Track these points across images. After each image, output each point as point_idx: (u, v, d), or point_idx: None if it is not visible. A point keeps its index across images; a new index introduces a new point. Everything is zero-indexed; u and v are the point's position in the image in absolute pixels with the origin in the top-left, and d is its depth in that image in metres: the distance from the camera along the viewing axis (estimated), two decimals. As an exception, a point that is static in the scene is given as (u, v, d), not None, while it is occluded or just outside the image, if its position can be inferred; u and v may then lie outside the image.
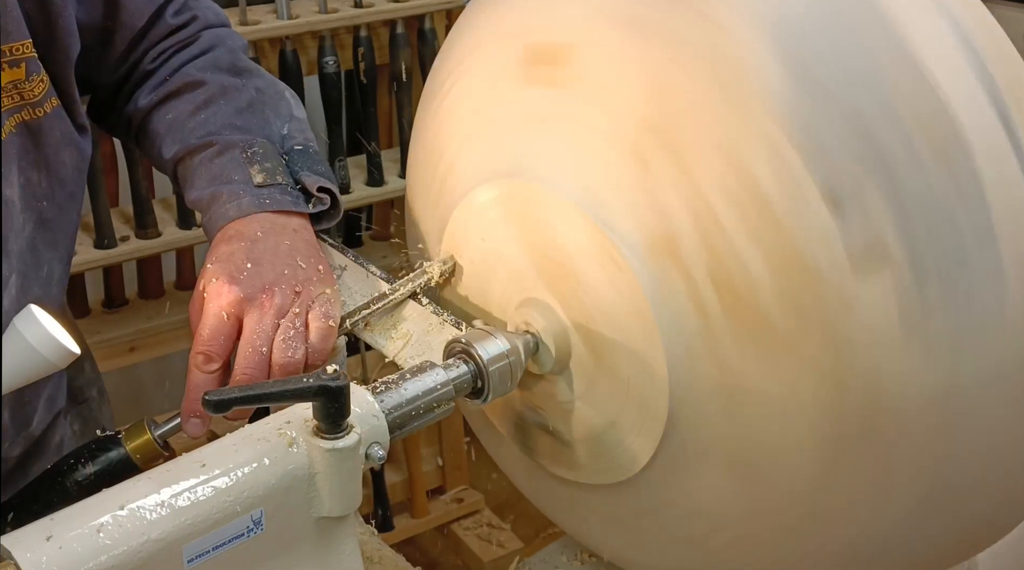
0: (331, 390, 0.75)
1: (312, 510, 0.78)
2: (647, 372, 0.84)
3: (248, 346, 0.89)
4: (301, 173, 1.01)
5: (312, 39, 2.04)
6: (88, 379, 1.19)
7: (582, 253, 0.86)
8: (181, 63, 1.07)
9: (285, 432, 0.78)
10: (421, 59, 2.12)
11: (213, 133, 1.02)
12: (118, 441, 0.89)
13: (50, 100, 0.95)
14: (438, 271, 0.98)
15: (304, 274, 0.94)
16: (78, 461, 0.88)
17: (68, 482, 0.87)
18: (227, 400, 0.75)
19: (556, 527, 1.10)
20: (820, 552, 0.87)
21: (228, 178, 0.99)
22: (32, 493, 0.88)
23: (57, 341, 0.82)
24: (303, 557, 0.80)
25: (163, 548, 0.71)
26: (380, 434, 0.81)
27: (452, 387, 0.88)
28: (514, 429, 1.01)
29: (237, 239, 0.95)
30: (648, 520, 0.94)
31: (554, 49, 0.88)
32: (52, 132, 0.96)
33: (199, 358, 0.90)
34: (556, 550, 1.15)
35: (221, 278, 0.91)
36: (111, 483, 0.86)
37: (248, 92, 1.05)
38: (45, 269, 0.99)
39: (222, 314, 0.90)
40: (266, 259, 0.93)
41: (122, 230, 1.96)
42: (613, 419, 0.90)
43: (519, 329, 0.93)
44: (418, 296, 0.99)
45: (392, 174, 2.17)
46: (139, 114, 1.07)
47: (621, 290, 0.84)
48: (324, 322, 0.92)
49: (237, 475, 0.75)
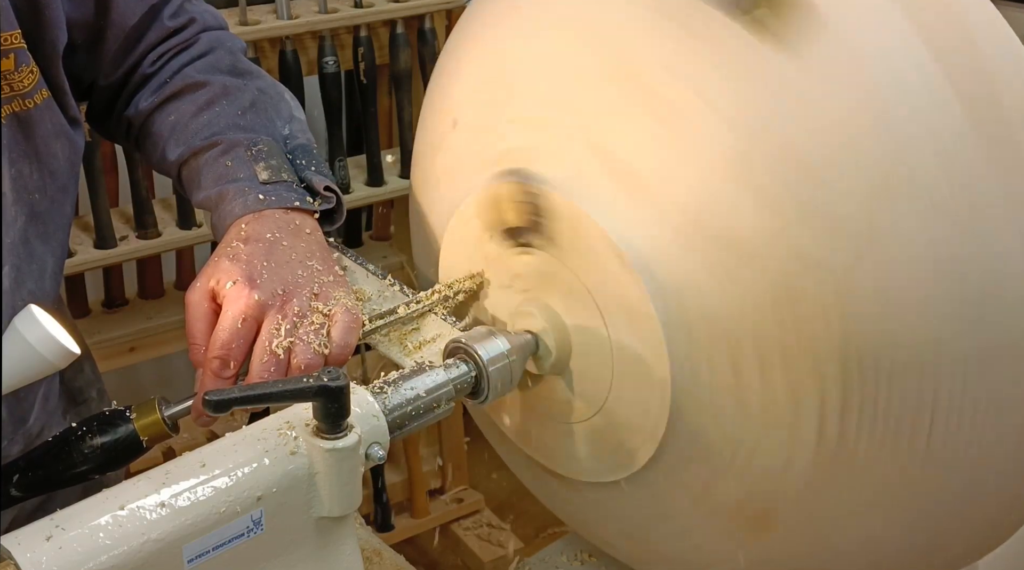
0: (331, 390, 0.75)
1: (312, 510, 0.78)
2: (648, 370, 0.85)
3: (266, 350, 0.89)
4: (306, 172, 1.01)
5: (312, 39, 2.03)
6: (88, 379, 1.19)
7: (579, 246, 0.86)
8: (181, 65, 1.07)
9: (285, 432, 0.78)
10: (421, 59, 2.12)
11: (217, 133, 1.02)
12: (127, 417, 0.88)
13: (40, 91, 0.95)
14: (466, 287, 0.98)
15: (321, 277, 0.93)
16: (86, 432, 0.87)
17: (74, 452, 0.86)
18: (227, 400, 0.75)
19: (556, 527, 1.11)
20: (821, 549, 0.87)
21: (234, 176, 0.99)
22: (36, 459, 0.88)
23: (57, 341, 0.82)
24: (303, 557, 0.80)
25: (163, 548, 0.71)
26: (380, 434, 0.81)
27: (452, 387, 0.88)
28: (516, 428, 1.01)
29: (254, 240, 0.94)
30: (649, 515, 0.94)
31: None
32: (43, 124, 0.96)
33: (215, 363, 0.89)
34: (556, 550, 1.15)
35: (240, 281, 0.90)
36: (115, 458, 0.86)
37: (250, 92, 1.05)
38: (38, 263, 0.98)
39: (240, 318, 0.89)
40: (283, 261, 0.93)
41: (122, 230, 1.96)
42: (613, 418, 0.90)
43: (519, 329, 0.93)
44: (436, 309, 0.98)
45: (392, 174, 2.17)
46: (140, 117, 1.07)
47: (623, 287, 0.84)
48: (347, 325, 0.91)
49: (237, 475, 0.75)
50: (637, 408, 0.87)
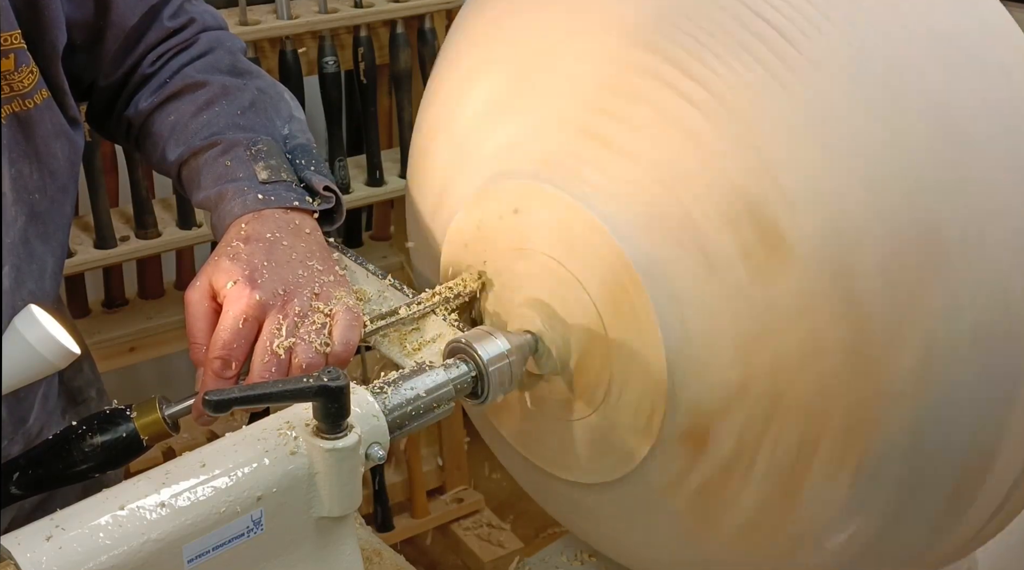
0: (331, 390, 0.75)
1: (312, 510, 0.78)
2: (646, 370, 0.85)
3: (267, 350, 0.88)
4: (306, 172, 1.01)
5: (312, 39, 2.03)
6: (87, 379, 1.19)
7: (573, 242, 0.87)
8: (181, 65, 1.07)
9: (285, 432, 0.78)
10: (421, 59, 2.12)
11: (217, 133, 1.02)
12: (128, 416, 0.88)
13: (40, 92, 0.95)
14: (468, 289, 0.98)
15: (322, 276, 0.93)
16: (86, 431, 0.87)
17: (74, 450, 0.86)
18: (227, 400, 0.75)
19: (556, 527, 1.11)
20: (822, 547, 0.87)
21: (233, 176, 0.99)
22: (37, 457, 0.88)
23: (57, 341, 0.82)
24: (303, 557, 0.80)
25: (163, 548, 0.71)
26: (380, 434, 0.81)
27: (452, 387, 0.88)
28: (515, 429, 1.01)
29: (254, 240, 0.94)
30: (646, 514, 0.94)
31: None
32: (43, 124, 0.96)
33: (217, 363, 0.88)
34: (556, 550, 1.15)
35: (240, 281, 0.90)
36: (115, 457, 0.86)
37: (250, 92, 1.05)
38: (38, 263, 0.99)
39: (241, 318, 0.89)
40: (284, 261, 0.93)
41: (122, 230, 1.96)
42: (613, 418, 0.90)
43: (519, 329, 0.93)
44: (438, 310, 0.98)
45: (392, 174, 2.17)
46: (140, 117, 1.07)
47: (622, 287, 0.84)
48: (348, 324, 0.91)
49: (237, 475, 0.75)
50: (634, 407, 0.87)
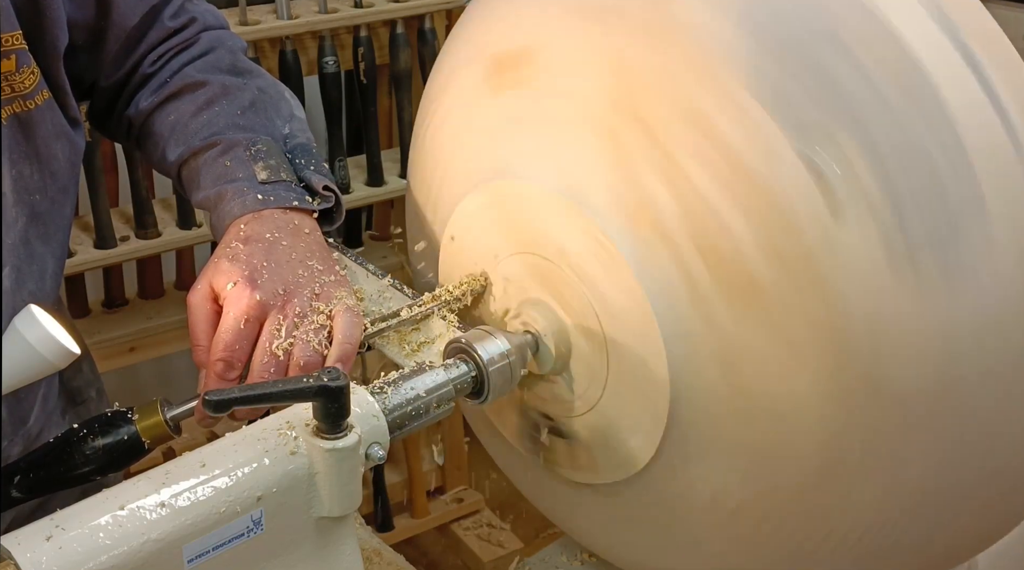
0: (331, 390, 0.75)
1: (312, 510, 0.78)
2: (647, 367, 0.85)
3: (266, 351, 0.88)
4: (305, 171, 1.01)
5: (312, 39, 2.04)
6: (87, 379, 1.19)
7: (572, 243, 0.87)
8: (181, 65, 1.07)
9: (285, 432, 0.78)
10: (421, 59, 2.12)
11: (217, 133, 1.02)
12: (129, 419, 0.88)
13: (41, 92, 0.95)
14: (470, 291, 0.98)
15: (322, 276, 0.93)
16: (87, 434, 0.87)
17: (76, 453, 0.86)
18: (227, 400, 0.75)
19: (556, 527, 1.11)
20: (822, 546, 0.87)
21: (233, 176, 0.99)
22: (38, 460, 0.88)
23: (57, 341, 0.82)
24: (303, 557, 0.80)
25: (163, 548, 0.71)
26: (380, 434, 0.81)
27: (452, 387, 0.88)
28: (515, 430, 1.01)
29: (253, 240, 0.94)
30: (649, 519, 0.94)
31: (515, 53, 0.91)
32: (44, 124, 0.96)
33: (219, 365, 0.88)
34: (556, 550, 1.15)
35: (240, 282, 0.90)
36: (117, 460, 0.86)
37: (250, 91, 1.05)
38: (39, 263, 0.99)
39: (242, 319, 0.89)
40: (284, 261, 0.93)
41: (122, 230, 1.96)
42: (614, 418, 0.90)
43: (519, 329, 0.93)
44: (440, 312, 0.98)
45: (392, 174, 2.17)
46: (140, 117, 1.07)
47: (611, 274, 0.84)
48: (350, 322, 0.91)
49: (237, 475, 0.75)
50: (636, 408, 0.87)
